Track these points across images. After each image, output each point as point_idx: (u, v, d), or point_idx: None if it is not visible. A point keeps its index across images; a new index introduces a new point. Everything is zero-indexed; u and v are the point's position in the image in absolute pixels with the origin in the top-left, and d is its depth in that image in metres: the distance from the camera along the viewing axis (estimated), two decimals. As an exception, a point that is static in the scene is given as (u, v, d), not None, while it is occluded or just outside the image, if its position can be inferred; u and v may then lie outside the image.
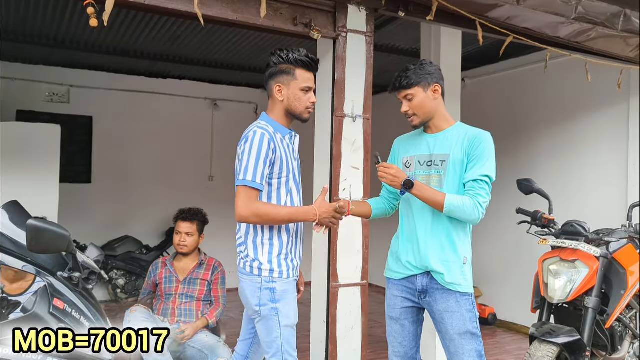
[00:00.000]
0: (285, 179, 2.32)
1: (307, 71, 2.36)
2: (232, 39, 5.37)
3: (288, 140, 2.39)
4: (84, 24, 4.86)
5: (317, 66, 2.41)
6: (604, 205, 4.83)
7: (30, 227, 2.02)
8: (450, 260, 2.37)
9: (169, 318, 3.47)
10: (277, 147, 2.27)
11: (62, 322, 2.06)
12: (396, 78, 2.43)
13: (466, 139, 2.37)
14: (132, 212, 6.82)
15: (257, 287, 2.29)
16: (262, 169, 2.21)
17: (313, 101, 2.38)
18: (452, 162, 2.37)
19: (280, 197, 2.33)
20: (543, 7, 3.47)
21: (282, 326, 2.28)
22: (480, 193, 2.31)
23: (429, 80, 2.40)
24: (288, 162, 2.33)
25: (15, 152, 4.36)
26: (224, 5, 3.05)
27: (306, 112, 2.38)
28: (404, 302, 2.49)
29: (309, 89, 2.36)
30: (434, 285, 2.39)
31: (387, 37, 5.25)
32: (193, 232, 3.62)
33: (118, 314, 5.19)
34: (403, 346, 2.52)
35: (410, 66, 2.43)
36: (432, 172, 2.41)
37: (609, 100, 4.86)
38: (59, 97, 6.48)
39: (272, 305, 2.28)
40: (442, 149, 2.41)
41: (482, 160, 2.33)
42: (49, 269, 2.20)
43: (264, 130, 2.26)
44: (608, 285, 3.42)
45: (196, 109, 7.30)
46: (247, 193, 2.21)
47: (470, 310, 2.37)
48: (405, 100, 2.43)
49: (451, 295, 2.36)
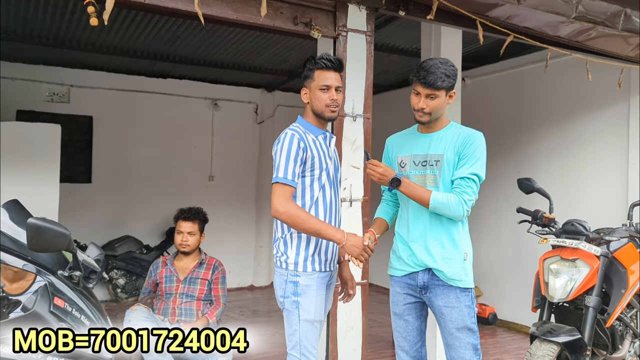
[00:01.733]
0: (318, 175, 2.39)
1: (325, 71, 2.40)
2: (232, 38, 5.37)
3: (321, 140, 2.45)
4: (84, 24, 4.86)
5: (336, 64, 2.42)
6: (604, 204, 4.83)
7: (31, 226, 2.02)
8: (452, 257, 2.41)
9: (169, 317, 3.48)
10: (308, 146, 2.36)
11: (62, 321, 2.06)
12: (428, 72, 2.36)
13: (459, 139, 2.41)
14: (132, 212, 6.83)
15: (283, 280, 2.40)
16: (292, 166, 2.30)
17: (333, 98, 2.40)
18: (446, 162, 2.40)
19: (313, 191, 2.40)
20: (543, 6, 3.47)
21: (301, 320, 2.35)
22: (466, 191, 2.35)
23: (453, 85, 2.43)
24: (320, 160, 2.40)
25: (15, 151, 4.36)
26: (224, 5, 3.05)
27: (327, 110, 2.41)
28: (407, 298, 2.53)
29: (327, 87, 2.40)
30: (435, 281, 2.43)
31: (388, 36, 5.25)
32: (195, 232, 3.63)
33: (118, 313, 5.19)
34: (408, 341, 2.56)
35: (440, 64, 2.38)
36: (427, 172, 2.45)
37: (610, 99, 4.86)
38: (59, 97, 6.48)
39: (294, 298, 2.36)
40: (436, 149, 2.44)
41: (472, 159, 2.37)
42: (49, 268, 2.20)
43: (294, 131, 2.37)
44: (608, 284, 3.42)
45: (196, 109, 7.30)
46: (281, 190, 2.30)
47: (469, 306, 2.42)
48: (426, 98, 2.39)
49: (452, 291, 2.41)
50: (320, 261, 2.41)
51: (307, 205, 2.40)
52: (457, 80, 2.50)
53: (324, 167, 2.41)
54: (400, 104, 7.31)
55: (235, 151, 7.46)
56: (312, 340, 2.38)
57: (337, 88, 2.43)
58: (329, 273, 2.48)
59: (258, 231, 7.58)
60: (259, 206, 7.56)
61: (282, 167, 2.30)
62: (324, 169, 2.42)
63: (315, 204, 2.42)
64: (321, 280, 2.42)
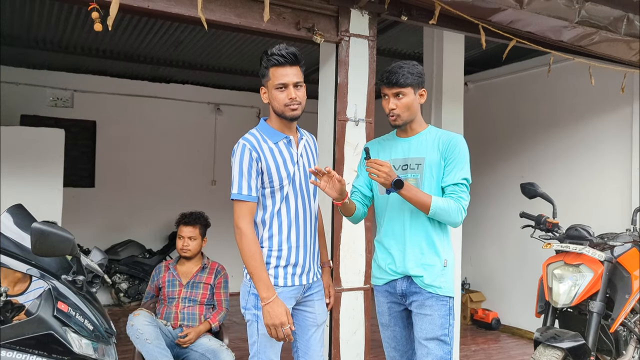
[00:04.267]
0: (279, 186, 2.27)
1: (279, 67, 2.22)
2: (235, 43, 5.39)
3: (283, 147, 2.30)
4: (87, 29, 4.88)
5: (291, 58, 2.22)
6: (608, 209, 4.81)
7: (35, 230, 2.02)
8: (430, 264, 2.35)
9: (171, 322, 3.47)
10: (262, 156, 2.24)
11: (66, 325, 2.06)
12: (391, 73, 2.37)
13: (441, 142, 2.38)
14: (135, 216, 6.84)
15: (246, 290, 2.31)
16: (247, 180, 2.22)
17: (292, 97, 2.22)
18: (428, 165, 2.37)
19: (275, 203, 2.28)
20: (546, 10, 3.47)
21: (260, 334, 2.25)
22: (462, 196, 2.32)
23: (420, 82, 2.41)
24: (279, 170, 2.26)
25: (19, 156, 4.38)
26: (228, 10, 3.06)
27: (287, 109, 2.24)
28: (392, 308, 2.48)
29: (284, 85, 2.22)
30: (413, 288, 2.37)
31: (390, 41, 5.26)
32: (196, 236, 3.62)
33: (121, 318, 5.18)
34: (397, 350, 2.53)
35: (403, 64, 2.39)
36: (408, 175, 2.40)
37: (613, 104, 4.86)
38: (63, 102, 6.51)
39: (254, 311, 2.26)
40: (417, 152, 2.41)
41: (460, 163, 2.34)
42: (53, 272, 2.21)
43: (245, 141, 2.26)
44: (612, 289, 3.40)
45: (199, 114, 7.32)
46: (238, 207, 2.23)
47: (443, 316, 2.33)
48: (394, 98, 2.39)
49: (428, 299, 2.34)
50: (286, 274, 2.29)
51: (268, 217, 2.27)
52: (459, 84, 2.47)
53: (283, 177, 2.26)
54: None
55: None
56: (270, 354, 2.27)
57: (296, 84, 2.23)
58: (300, 287, 2.34)
59: (260, 236, 7.57)
60: (262, 211, 7.55)
61: (237, 182, 2.22)
62: (285, 177, 2.26)
63: (277, 215, 2.28)
64: (285, 295, 2.26)
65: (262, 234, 2.30)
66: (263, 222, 2.30)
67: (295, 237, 2.32)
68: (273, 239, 2.29)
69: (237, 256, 2.41)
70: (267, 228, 2.29)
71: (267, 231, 2.29)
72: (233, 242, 2.35)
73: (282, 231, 2.29)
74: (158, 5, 2.89)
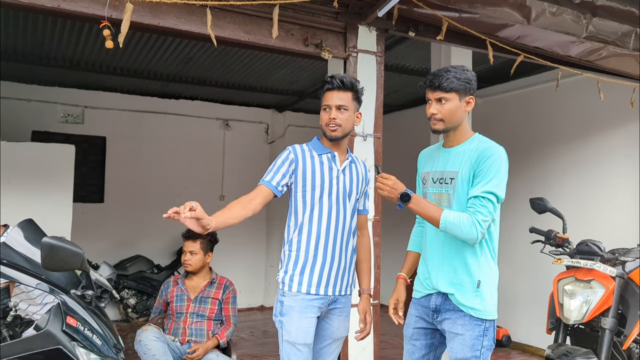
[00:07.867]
0: (311, 189, 2.40)
1: (328, 92, 2.44)
2: (244, 59, 5.44)
3: (325, 160, 2.46)
4: (98, 46, 4.95)
5: (336, 84, 2.42)
6: (618, 224, 4.77)
7: (45, 245, 2.04)
8: (461, 284, 2.23)
9: (179, 337, 3.46)
10: (301, 159, 2.41)
11: (74, 340, 2.06)
12: (435, 76, 2.25)
13: (475, 154, 2.20)
14: (144, 232, 6.85)
15: (277, 297, 2.44)
16: (274, 172, 2.39)
17: (331, 117, 2.40)
18: (461, 180, 2.21)
19: (306, 209, 2.41)
20: (553, 26, 3.48)
21: (283, 340, 2.35)
22: (480, 210, 2.12)
23: (468, 89, 2.25)
24: (314, 173, 2.41)
25: (30, 171, 4.42)
26: (237, 27, 3.10)
27: (327, 129, 2.43)
28: (418, 322, 2.40)
29: (328, 107, 2.43)
30: (447, 305, 2.28)
31: (398, 56, 5.29)
32: (197, 251, 3.60)
33: (129, 333, 5.17)
34: None
35: (451, 68, 2.26)
36: (442, 190, 2.28)
37: (622, 118, 4.84)
38: (74, 118, 6.58)
39: (279, 317, 2.38)
40: (453, 165, 2.27)
41: (488, 175, 2.15)
42: (62, 287, 2.21)
43: (290, 147, 2.47)
44: (624, 305, 3.36)
45: (208, 129, 7.37)
46: (257, 188, 2.38)
47: (476, 337, 2.19)
48: (436, 102, 2.24)
49: (461, 317, 2.22)
50: (307, 282, 2.37)
51: (299, 221, 2.41)
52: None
53: (317, 182, 2.40)
54: (411, 123, 7.34)
55: (246, 171, 7.48)
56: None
57: (340, 107, 2.41)
58: (325, 298, 2.39)
59: (268, 251, 7.57)
60: (270, 226, 7.56)
61: (266, 173, 2.41)
62: (319, 185, 2.39)
63: (309, 222, 2.40)
64: (307, 303, 2.35)
65: (292, 236, 2.43)
66: (295, 224, 2.43)
67: (323, 247, 2.40)
68: (301, 244, 2.40)
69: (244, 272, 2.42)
70: (297, 232, 2.42)
71: (296, 235, 2.42)
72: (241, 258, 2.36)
73: (311, 239, 2.40)
74: (168, 22, 2.93)
